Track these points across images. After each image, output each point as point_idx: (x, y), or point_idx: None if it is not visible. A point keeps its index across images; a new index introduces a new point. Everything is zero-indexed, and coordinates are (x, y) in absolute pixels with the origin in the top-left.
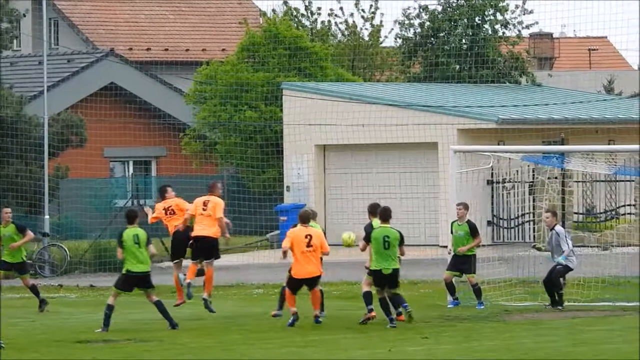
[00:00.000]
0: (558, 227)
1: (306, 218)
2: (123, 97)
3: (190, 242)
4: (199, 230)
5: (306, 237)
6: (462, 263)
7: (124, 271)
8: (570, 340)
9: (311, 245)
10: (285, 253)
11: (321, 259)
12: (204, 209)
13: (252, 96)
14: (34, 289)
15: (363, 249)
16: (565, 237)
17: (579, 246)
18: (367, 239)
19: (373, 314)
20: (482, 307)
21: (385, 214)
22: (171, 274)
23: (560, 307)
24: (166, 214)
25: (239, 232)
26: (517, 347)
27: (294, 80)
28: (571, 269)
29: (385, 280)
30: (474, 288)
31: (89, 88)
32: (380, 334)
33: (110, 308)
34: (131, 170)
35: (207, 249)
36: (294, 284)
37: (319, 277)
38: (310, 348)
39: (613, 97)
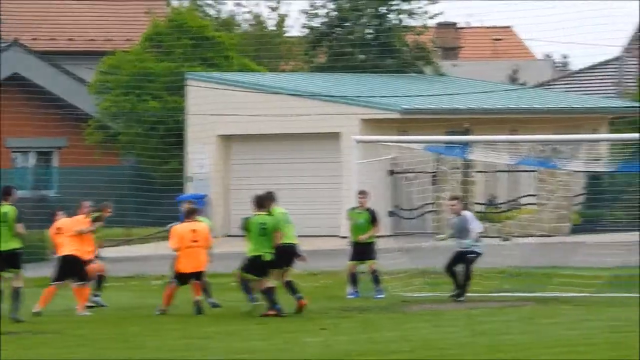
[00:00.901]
0: (466, 212)
1: (192, 212)
2: (27, 87)
3: None
4: None
5: (192, 232)
6: (363, 251)
7: None
8: (469, 330)
9: (196, 240)
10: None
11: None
12: None
13: (156, 86)
14: None
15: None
16: (473, 219)
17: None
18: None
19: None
20: (382, 296)
21: (260, 202)
22: None
23: (462, 299)
24: None
25: (140, 223)
26: (416, 338)
27: (198, 70)
28: (480, 254)
29: (266, 266)
30: (373, 275)
31: None
32: (278, 325)
33: None
34: (33, 161)
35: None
36: (182, 278)
37: (203, 271)
38: (208, 339)
39: (517, 87)
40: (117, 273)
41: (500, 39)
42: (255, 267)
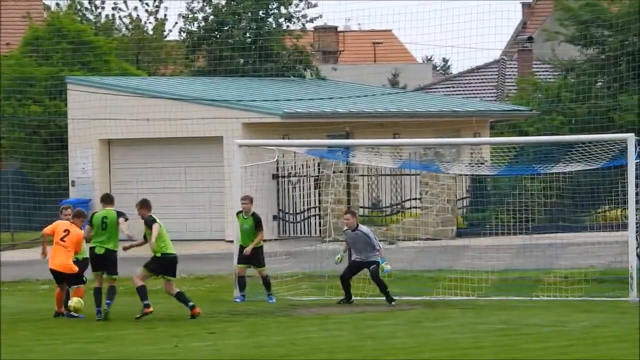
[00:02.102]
0: (363, 227)
1: (80, 214)
2: None
3: None
4: None
5: (65, 231)
6: (251, 256)
7: None
8: (356, 334)
9: (64, 241)
10: (43, 236)
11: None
12: None
13: (36, 90)
14: None
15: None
16: (374, 237)
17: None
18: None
19: (151, 309)
20: (273, 300)
21: (107, 198)
22: None
23: (393, 303)
24: None
25: (25, 227)
26: (303, 342)
27: (78, 74)
28: (378, 263)
29: (99, 261)
30: (264, 280)
31: None
32: (166, 329)
33: None
34: None
35: None
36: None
37: (65, 273)
38: (96, 344)
39: (398, 90)
40: (4, 278)
41: (380, 43)
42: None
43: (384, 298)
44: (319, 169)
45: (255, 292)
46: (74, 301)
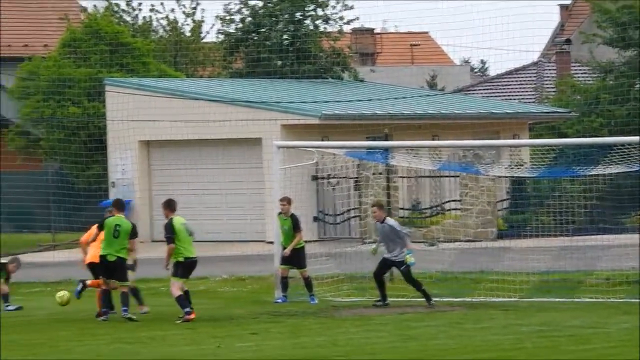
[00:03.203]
0: (389, 220)
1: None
2: None
3: None
4: None
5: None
6: (292, 257)
7: None
8: (398, 335)
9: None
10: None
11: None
12: None
13: (75, 92)
14: None
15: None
16: (401, 228)
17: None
18: (171, 239)
19: (194, 315)
20: (315, 301)
21: (118, 204)
22: None
23: (432, 301)
24: None
25: (65, 228)
26: (345, 343)
27: (116, 76)
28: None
29: (110, 268)
30: (305, 281)
31: None
32: (208, 330)
33: None
34: None
35: None
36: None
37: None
38: (138, 344)
39: (436, 92)
40: (45, 278)
41: (417, 45)
42: (101, 267)
43: (424, 299)
44: (358, 170)
45: (296, 293)
46: (60, 295)
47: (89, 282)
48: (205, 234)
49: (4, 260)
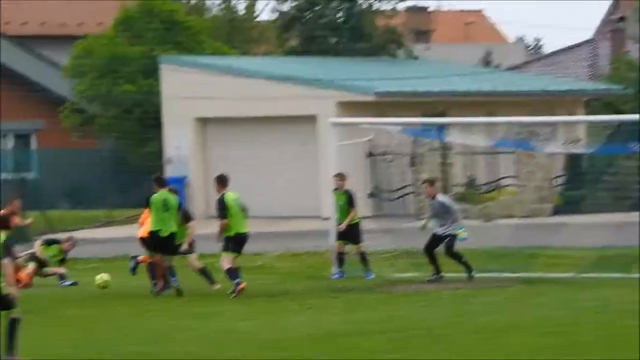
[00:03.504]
0: (440, 196)
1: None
2: (1, 71)
3: None
4: None
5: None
6: (348, 232)
7: None
8: (454, 311)
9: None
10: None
11: None
12: None
13: (129, 70)
14: None
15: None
16: (451, 204)
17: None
18: (223, 214)
19: (244, 284)
20: (371, 276)
21: (160, 181)
22: None
23: (473, 274)
24: None
25: (121, 205)
26: (402, 318)
27: (171, 53)
28: (455, 236)
29: (162, 243)
30: (361, 257)
31: None
32: (265, 305)
33: None
34: (11, 144)
35: None
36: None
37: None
38: (196, 320)
39: (491, 69)
40: (101, 255)
41: (471, 22)
42: (153, 242)
43: (466, 271)
44: (413, 147)
45: (353, 268)
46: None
47: (140, 257)
48: (261, 210)
49: (58, 238)
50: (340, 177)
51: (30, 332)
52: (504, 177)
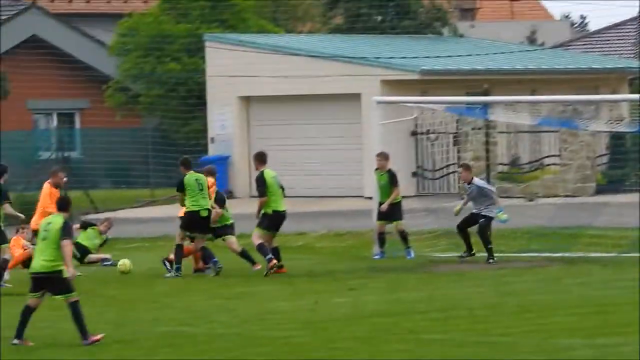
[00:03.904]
0: (476, 180)
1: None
2: (46, 49)
3: None
4: None
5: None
6: (389, 212)
7: None
8: (495, 291)
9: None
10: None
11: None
12: None
13: (174, 48)
14: None
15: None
16: (489, 188)
17: (504, 197)
18: (263, 191)
19: (274, 261)
20: (412, 255)
21: (186, 163)
22: None
23: (492, 261)
24: None
25: (164, 184)
26: (443, 298)
27: (216, 31)
28: (492, 218)
29: (201, 223)
30: (401, 235)
31: (11, 41)
32: (306, 286)
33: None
34: (55, 122)
35: None
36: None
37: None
38: (236, 300)
39: (536, 47)
40: (144, 234)
41: (517, 0)
42: (192, 222)
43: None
44: (457, 126)
45: (394, 248)
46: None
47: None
48: (304, 190)
49: (94, 221)
50: (383, 156)
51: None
52: (547, 156)
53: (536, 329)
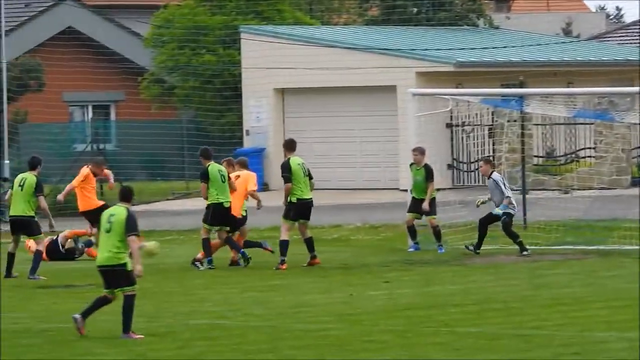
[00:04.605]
0: (494, 175)
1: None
2: (81, 41)
3: None
4: None
5: (236, 177)
6: (421, 205)
7: None
8: (530, 283)
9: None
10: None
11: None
12: None
13: (210, 40)
14: None
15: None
16: (504, 184)
17: (539, 189)
18: (287, 177)
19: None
20: (443, 250)
21: (206, 153)
22: None
23: (526, 253)
24: None
25: (199, 176)
26: (477, 291)
27: (251, 23)
28: (513, 215)
29: (226, 215)
30: (434, 230)
31: (47, 32)
32: (341, 278)
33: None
34: (90, 115)
35: None
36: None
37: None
38: (271, 292)
39: (571, 39)
40: (178, 227)
41: None
42: (218, 214)
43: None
44: (493, 118)
45: (429, 241)
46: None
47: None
48: (339, 182)
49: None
50: (419, 151)
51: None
52: (582, 149)
53: (570, 321)
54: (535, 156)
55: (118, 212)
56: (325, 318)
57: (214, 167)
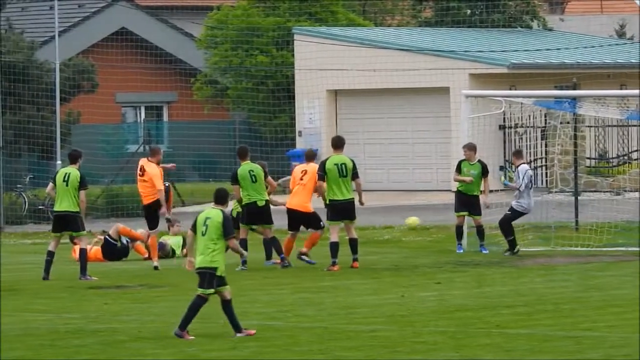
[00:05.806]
0: (521, 166)
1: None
2: (134, 42)
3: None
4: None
5: (302, 171)
6: (469, 203)
7: None
8: (582, 285)
9: (302, 180)
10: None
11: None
12: None
13: (263, 41)
14: None
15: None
16: (523, 175)
17: (591, 191)
18: (320, 176)
19: (335, 267)
20: (486, 251)
21: (242, 151)
22: None
23: (514, 253)
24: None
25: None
26: (528, 292)
27: (305, 25)
28: (521, 214)
29: (259, 213)
30: (478, 230)
31: (100, 33)
32: (393, 279)
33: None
34: (143, 116)
35: None
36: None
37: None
38: (322, 293)
39: (625, 41)
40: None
41: None
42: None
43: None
44: (545, 119)
45: (488, 243)
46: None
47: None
48: (391, 183)
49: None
50: (470, 147)
51: (160, 305)
52: (635, 150)
53: (622, 323)
54: (588, 158)
55: (213, 215)
56: (376, 319)
57: (245, 166)
